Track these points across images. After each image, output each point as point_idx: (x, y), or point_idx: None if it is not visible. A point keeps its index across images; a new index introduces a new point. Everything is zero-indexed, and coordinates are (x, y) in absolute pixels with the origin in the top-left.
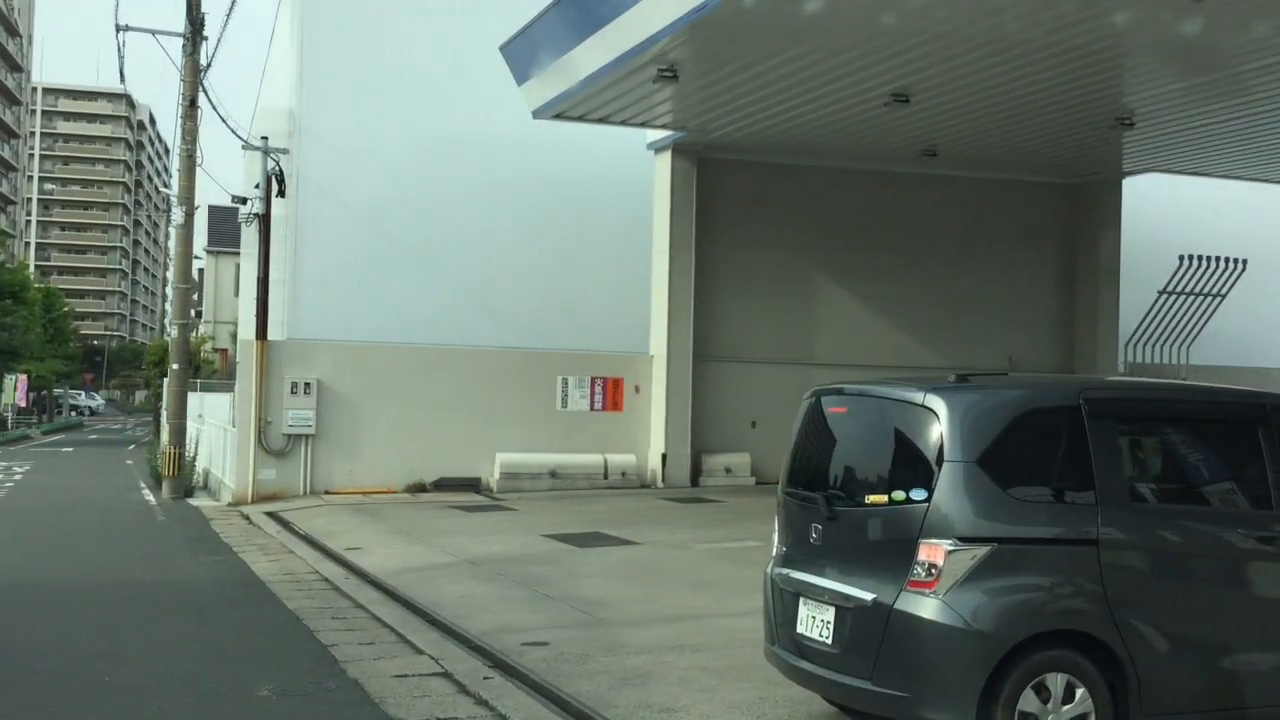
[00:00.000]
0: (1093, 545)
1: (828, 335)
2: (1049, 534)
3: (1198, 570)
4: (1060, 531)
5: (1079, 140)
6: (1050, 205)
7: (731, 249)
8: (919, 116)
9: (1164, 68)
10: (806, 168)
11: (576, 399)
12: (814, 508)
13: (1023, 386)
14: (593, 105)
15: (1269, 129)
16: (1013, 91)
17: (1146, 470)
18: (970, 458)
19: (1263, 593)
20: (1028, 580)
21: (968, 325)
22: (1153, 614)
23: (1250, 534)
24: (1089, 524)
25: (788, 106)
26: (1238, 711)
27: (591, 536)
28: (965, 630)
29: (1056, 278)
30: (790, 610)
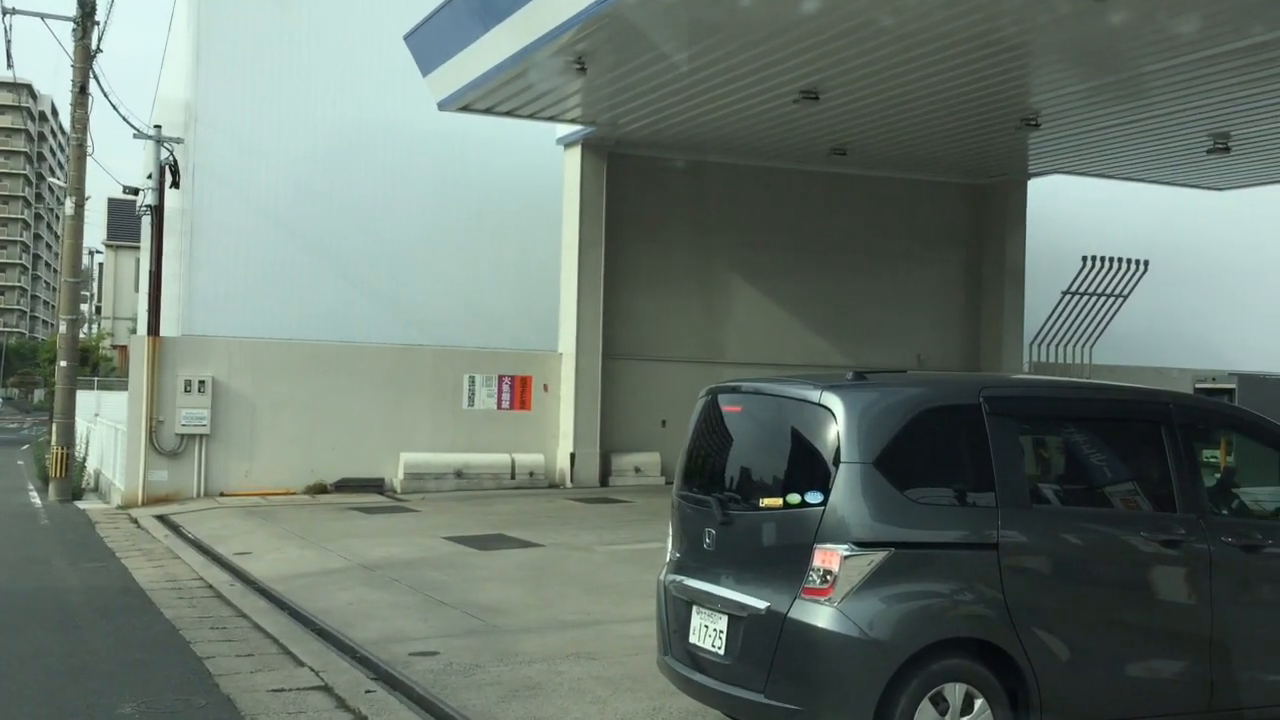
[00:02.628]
0: (993, 549)
1: (739, 333)
2: (948, 538)
3: (1100, 574)
4: (959, 535)
5: (986, 141)
6: (958, 205)
7: (642, 246)
8: (829, 114)
9: (1068, 69)
10: (719, 165)
11: (484, 397)
12: (708, 511)
13: (921, 385)
14: (500, 98)
15: (1169, 131)
16: (920, 91)
17: (1048, 471)
18: (867, 459)
19: (1167, 597)
20: (926, 586)
21: (878, 324)
22: (1054, 620)
23: (1153, 536)
24: (989, 527)
25: (698, 102)
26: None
27: (493, 538)
28: (861, 640)
29: (964, 277)
30: (683, 619)
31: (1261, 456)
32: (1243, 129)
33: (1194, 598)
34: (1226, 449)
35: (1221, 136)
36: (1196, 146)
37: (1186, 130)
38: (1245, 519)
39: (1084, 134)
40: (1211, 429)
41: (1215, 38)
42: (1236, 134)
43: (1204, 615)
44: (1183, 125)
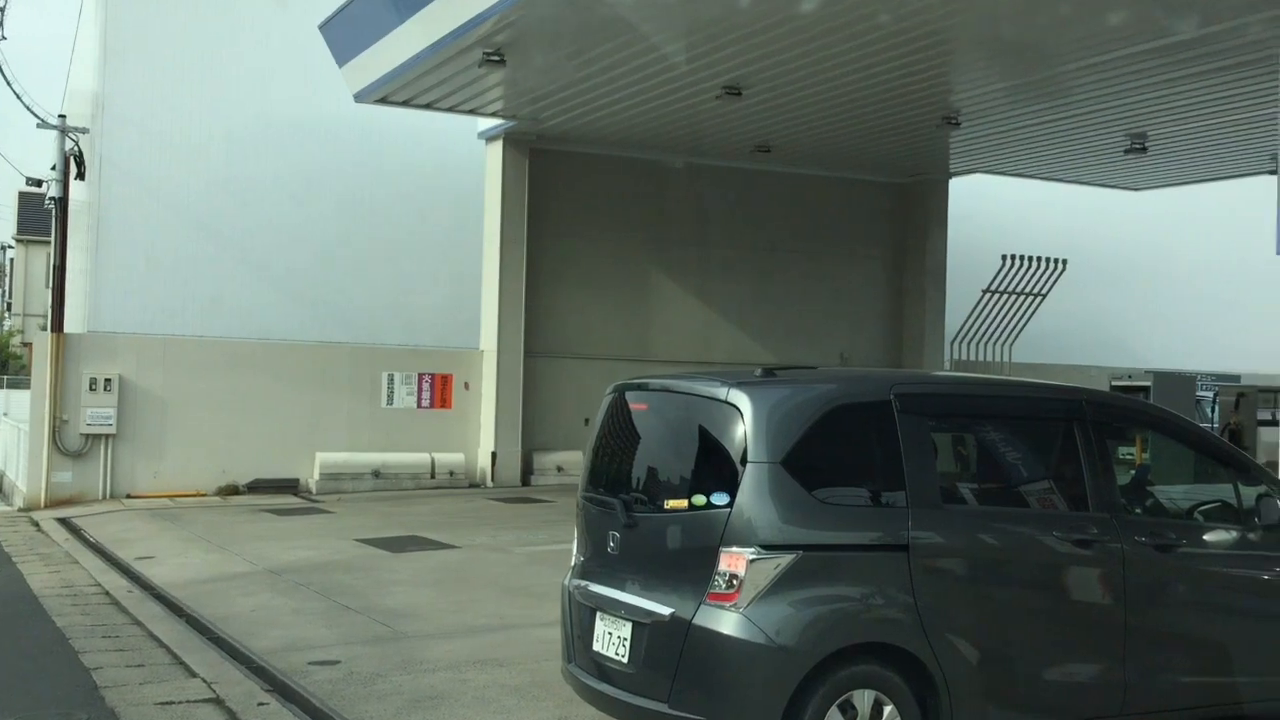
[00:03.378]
0: (903, 551)
1: (663, 331)
2: (857, 539)
3: (1013, 575)
4: (869, 537)
5: (908, 140)
6: (881, 204)
7: (566, 242)
8: (752, 111)
9: (988, 67)
10: (643, 161)
11: (403, 396)
12: (612, 514)
13: (831, 381)
14: (417, 90)
15: (1087, 131)
16: (843, 89)
17: (960, 469)
18: (775, 458)
19: (1080, 598)
20: (834, 590)
21: (802, 322)
22: (966, 623)
23: (1067, 536)
24: (899, 528)
25: (621, 97)
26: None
27: (408, 540)
28: (767, 646)
29: (887, 275)
30: (587, 626)
31: (1177, 454)
32: (1159, 129)
33: (1107, 598)
34: (1142, 446)
35: (1139, 137)
36: (1114, 146)
37: (1105, 130)
38: (1159, 517)
39: (1004, 133)
40: (1125, 426)
41: (1133, 37)
42: (1153, 134)
43: (1118, 616)
44: (1101, 125)
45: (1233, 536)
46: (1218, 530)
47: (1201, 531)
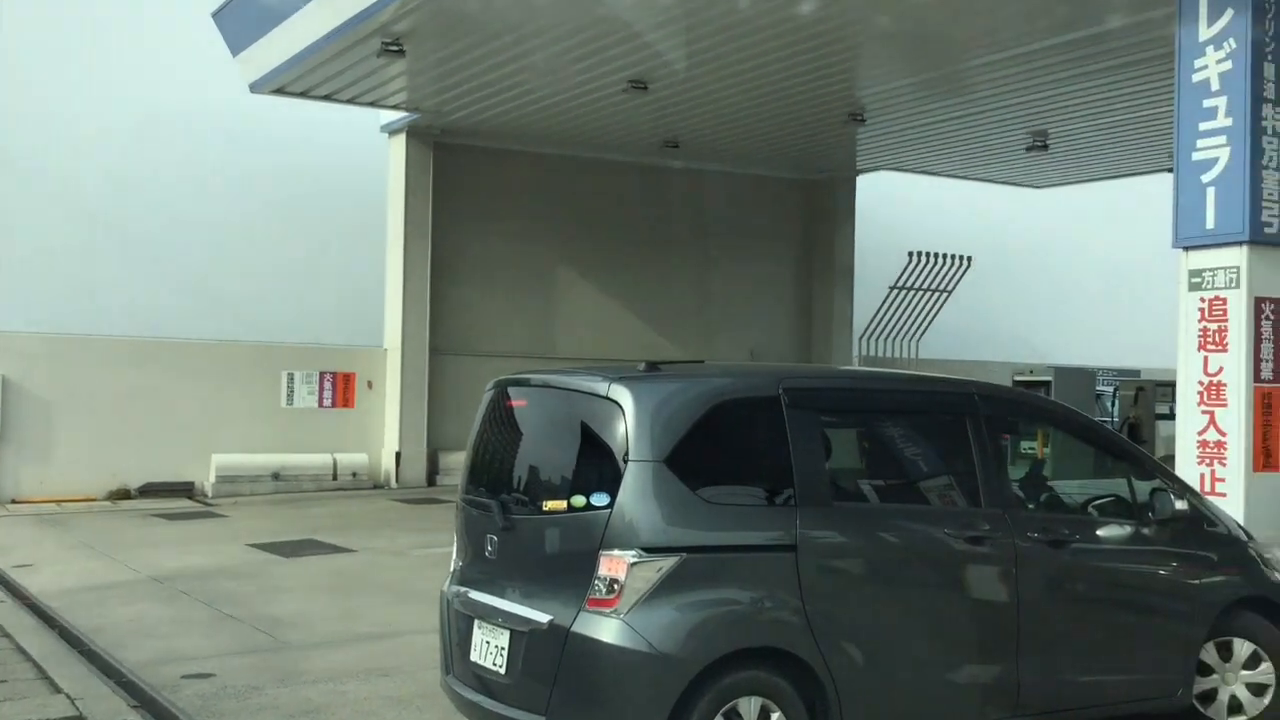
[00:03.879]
0: (791, 552)
1: (571, 328)
2: (744, 540)
3: (904, 574)
4: (755, 537)
5: (815, 137)
6: (790, 200)
7: (472, 238)
8: (659, 106)
9: (892, 63)
10: (550, 156)
11: (304, 395)
12: (490, 516)
13: (718, 377)
14: (315, 80)
15: (990, 129)
16: (749, 84)
17: (851, 466)
18: (658, 456)
19: (972, 597)
20: (720, 594)
21: (712, 318)
22: (856, 625)
23: (959, 534)
24: (787, 528)
25: (525, 90)
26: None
27: (303, 544)
28: (648, 654)
29: (796, 272)
30: (465, 635)
31: (1077, 448)
32: (1060, 127)
33: (1000, 597)
34: (1044, 441)
35: (1040, 135)
36: (1017, 144)
37: (1007, 128)
38: (1053, 513)
39: (909, 130)
40: (1018, 420)
41: (1033, 33)
42: (1054, 132)
43: (1010, 615)
44: (1003, 123)
45: (1126, 531)
46: (1111, 525)
47: (1095, 527)
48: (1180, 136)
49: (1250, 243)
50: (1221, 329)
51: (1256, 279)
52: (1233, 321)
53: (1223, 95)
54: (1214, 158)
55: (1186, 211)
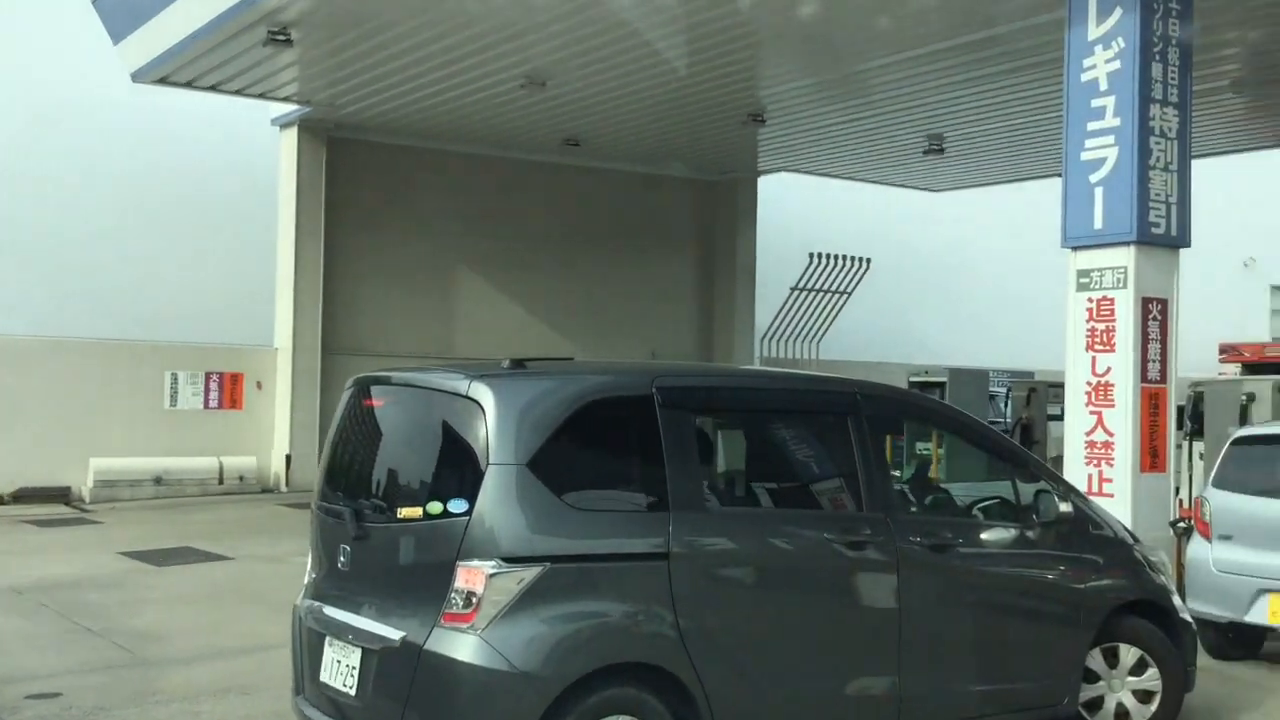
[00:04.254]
0: (663, 560)
1: (470, 328)
2: (613, 549)
3: (783, 583)
4: (625, 545)
5: (715, 136)
6: (692, 201)
7: (367, 236)
8: (558, 103)
9: (792, 64)
10: (448, 153)
11: (189, 396)
12: (342, 525)
13: (586, 374)
14: (201, 69)
15: (888, 131)
16: (648, 83)
17: (728, 469)
18: (520, 459)
19: (853, 605)
20: (586, 606)
21: (615, 318)
22: (732, 638)
23: (840, 539)
24: (659, 535)
25: (420, 85)
26: None
27: (178, 552)
28: (508, 672)
29: (698, 272)
30: (316, 653)
31: (966, 449)
32: (956, 131)
33: (881, 605)
34: (939, 441)
35: (936, 138)
36: (914, 147)
37: (905, 131)
38: (936, 516)
39: (809, 132)
40: (902, 421)
41: (929, 36)
42: (951, 136)
43: (892, 623)
44: (901, 125)
45: (1011, 535)
46: (996, 529)
47: (979, 530)
48: (1069, 136)
49: (1137, 243)
50: (1109, 329)
51: (1144, 279)
52: (1120, 322)
53: (1111, 95)
54: (1102, 158)
55: (1074, 212)
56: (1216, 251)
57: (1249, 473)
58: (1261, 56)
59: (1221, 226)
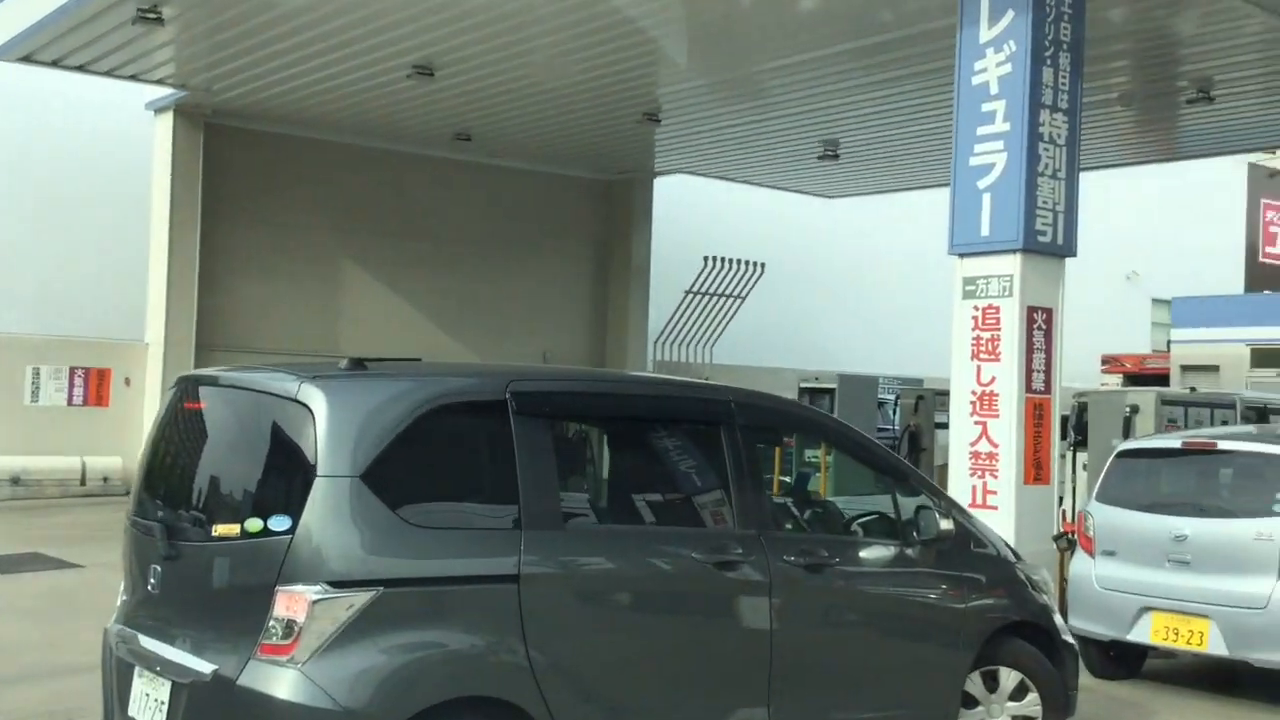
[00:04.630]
0: (512, 583)
1: (356, 327)
2: (456, 571)
3: (645, 607)
4: (471, 567)
5: (610, 135)
6: (587, 201)
7: (248, 228)
8: (447, 95)
9: (687, 62)
10: (335, 144)
11: (51, 392)
12: (154, 542)
13: (433, 376)
14: (66, 48)
15: (783, 135)
16: (539, 77)
17: (589, 482)
18: (353, 470)
19: (721, 631)
20: (424, 635)
21: (507, 320)
22: (589, 668)
23: (709, 559)
24: (509, 555)
25: (304, 70)
26: None
27: (24, 559)
28: (331, 710)
29: (593, 274)
30: (125, 684)
31: (850, 461)
32: (851, 137)
33: (750, 629)
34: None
35: (831, 144)
36: (809, 152)
37: (800, 135)
38: (812, 534)
39: (705, 133)
40: (779, 431)
41: (822, 39)
42: (845, 141)
43: (762, 648)
44: (797, 130)
45: (890, 553)
46: (875, 547)
47: (858, 548)
48: (958, 140)
49: (1024, 251)
50: (995, 338)
51: (1029, 288)
52: (1005, 331)
53: (1001, 99)
54: (990, 163)
55: (962, 217)
56: (1101, 264)
57: (1133, 486)
58: (1149, 69)
59: (1106, 239)
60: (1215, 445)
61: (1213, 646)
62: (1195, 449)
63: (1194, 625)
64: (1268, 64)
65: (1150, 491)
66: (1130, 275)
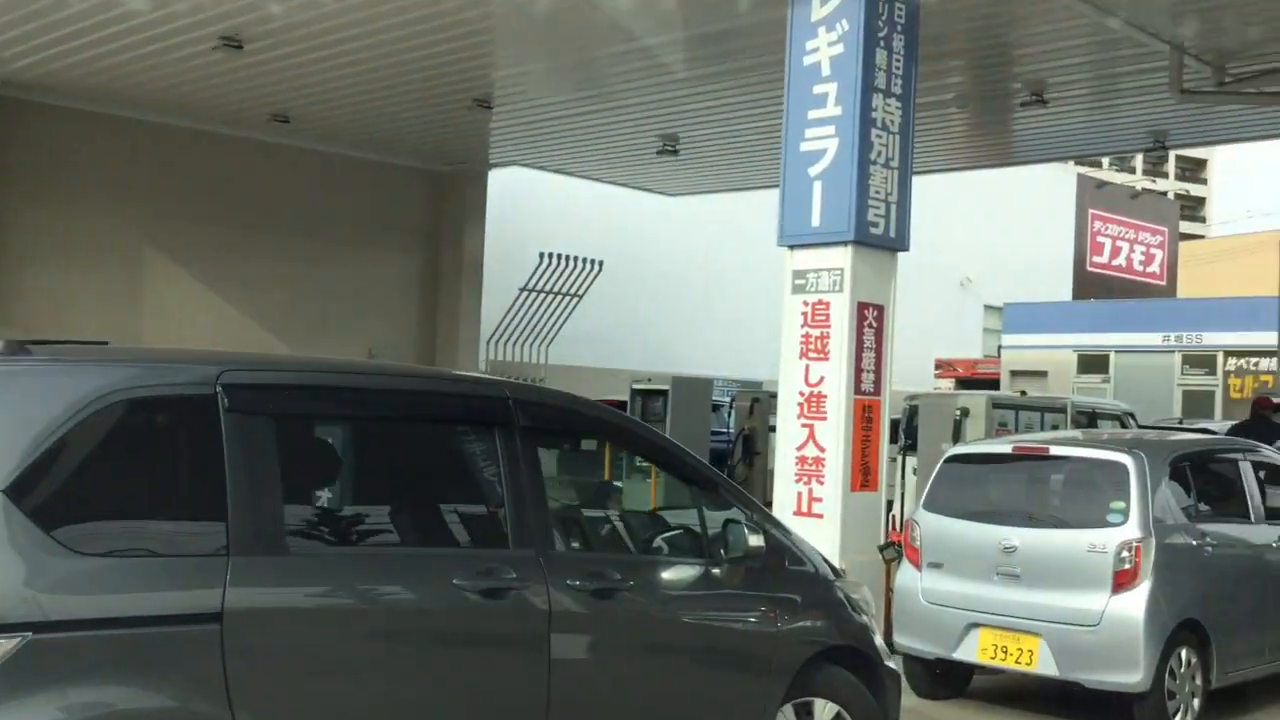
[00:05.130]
0: (214, 623)
1: (162, 318)
2: (136, 609)
3: (396, 649)
4: (158, 603)
5: (441, 123)
6: (417, 192)
7: (42, 211)
8: (260, 71)
9: (520, 45)
10: (142, 123)
11: None
12: None
13: (115, 364)
14: None
15: (622, 129)
16: (362, 55)
17: (324, 497)
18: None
19: (488, 671)
20: (91, 693)
21: (331, 314)
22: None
23: (473, 586)
24: (210, 588)
25: (99, 40)
26: None
27: None
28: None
29: (423, 268)
30: None
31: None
32: (690, 131)
33: (524, 668)
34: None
35: (671, 138)
36: (648, 147)
37: (638, 128)
38: (604, 553)
39: (540, 123)
40: (569, 434)
41: (656, 25)
42: (685, 136)
43: (538, 691)
44: (635, 123)
45: (694, 573)
46: (676, 566)
47: (656, 568)
48: (788, 125)
49: (855, 243)
50: (824, 335)
51: (860, 283)
52: (835, 328)
53: (833, 81)
54: (822, 149)
55: (792, 207)
56: (936, 270)
57: (961, 494)
58: (984, 70)
59: (942, 245)
60: (1047, 450)
61: (1043, 666)
62: (1026, 454)
63: (1023, 643)
64: (1098, 67)
65: (979, 499)
66: (964, 282)
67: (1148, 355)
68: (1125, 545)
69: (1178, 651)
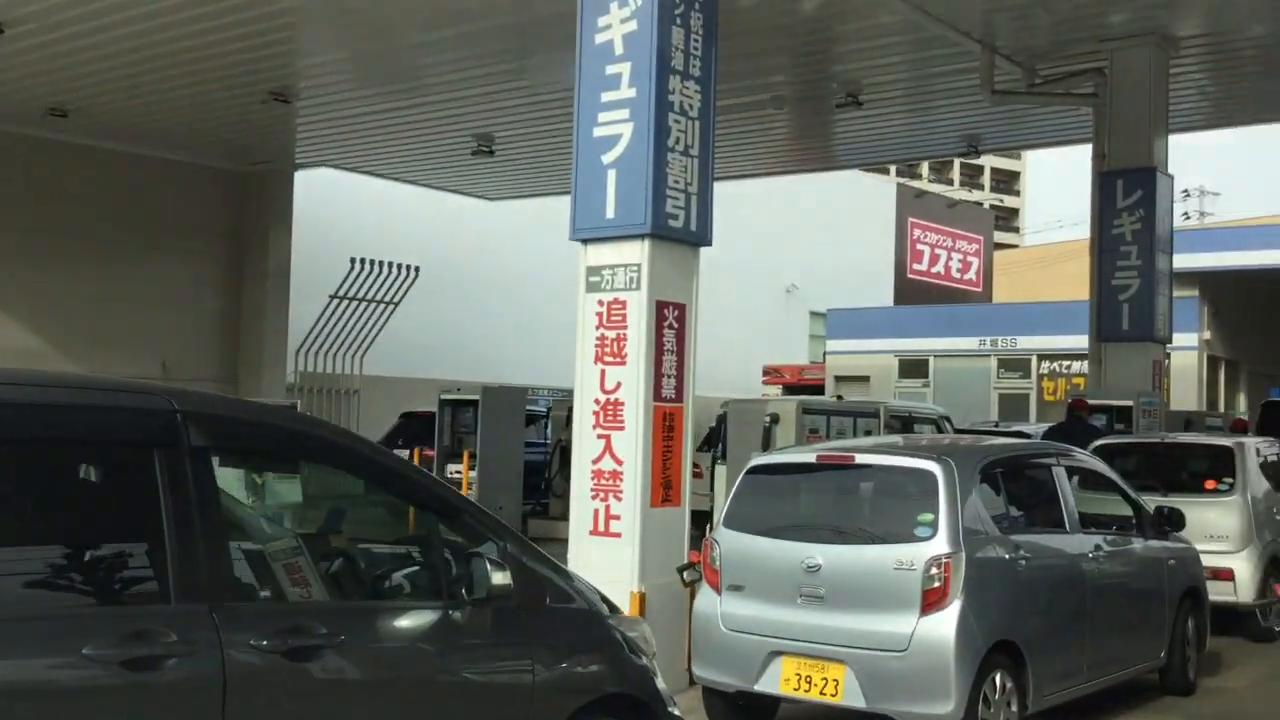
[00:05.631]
0: None
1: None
2: None
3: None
4: None
5: (238, 119)
6: (216, 194)
7: None
8: (27, 59)
9: (321, 31)
10: None
11: None
12: None
13: None
14: None
15: (434, 128)
16: (141, 43)
17: None
18: None
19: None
20: None
21: (117, 325)
22: None
23: (111, 655)
24: None
25: None
26: None
27: None
28: None
29: (224, 275)
30: None
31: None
32: (504, 131)
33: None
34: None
35: (485, 138)
36: (462, 148)
37: (451, 127)
38: (307, 603)
39: (347, 119)
40: (260, 453)
41: (464, 14)
42: (500, 136)
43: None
44: (446, 121)
45: (429, 619)
46: (407, 612)
47: (379, 616)
48: (580, 109)
49: (652, 236)
50: (620, 338)
51: (659, 280)
52: (632, 329)
53: (627, 60)
54: (616, 134)
55: (585, 198)
56: (762, 276)
57: (763, 508)
58: (800, 69)
59: (769, 252)
60: (853, 459)
61: (849, 698)
62: (831, 463)
63: (829, 672)
64: (912, 67)
65: (782, 514)
66: (790, 288)
67: (965, 359)
68: (934, 561)
69: (991, 676)
